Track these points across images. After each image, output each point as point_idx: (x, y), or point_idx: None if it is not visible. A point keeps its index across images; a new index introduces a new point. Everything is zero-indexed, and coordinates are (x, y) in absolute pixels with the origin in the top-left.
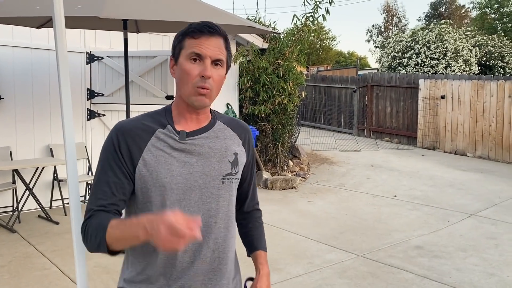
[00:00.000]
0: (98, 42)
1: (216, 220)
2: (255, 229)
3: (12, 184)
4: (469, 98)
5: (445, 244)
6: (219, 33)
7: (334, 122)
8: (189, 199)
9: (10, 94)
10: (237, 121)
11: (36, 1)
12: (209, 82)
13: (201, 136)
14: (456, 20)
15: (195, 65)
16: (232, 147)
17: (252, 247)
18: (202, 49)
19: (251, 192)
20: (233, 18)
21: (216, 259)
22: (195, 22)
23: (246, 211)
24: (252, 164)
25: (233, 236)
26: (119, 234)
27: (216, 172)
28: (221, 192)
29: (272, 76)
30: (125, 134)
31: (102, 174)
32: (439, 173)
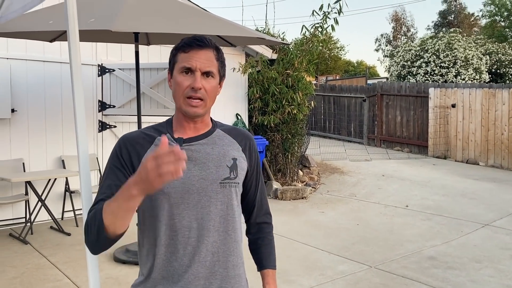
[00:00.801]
0: (109, 54)
1: (214, 224)
2: (264, 246)
3: (25, 196)
4: (480, 107)
5: (459, 255)
6: (209, 46)
7: (344, 132)
8: (187, 203)
9: (23, 107)
10: (238, 129)
11: (50, 16)
12: (201, 92)
13: (198, 142)
14: (465, 29)
15: (186, 77)
16: (230, 153)
17: (261, 265)
18: (191, 62)
19: (258, 201)
20: (243, 30)
21: (217, 262)
22: (188, 36)
23: (255, 222)
24: (257, 172)
25: (236, 240)
26: (114, 204)
27: (213, 176)
28: (219, 196)
29: (281, 86)
30: (127, 143)
31: (105, 179)
32: (451, 183)
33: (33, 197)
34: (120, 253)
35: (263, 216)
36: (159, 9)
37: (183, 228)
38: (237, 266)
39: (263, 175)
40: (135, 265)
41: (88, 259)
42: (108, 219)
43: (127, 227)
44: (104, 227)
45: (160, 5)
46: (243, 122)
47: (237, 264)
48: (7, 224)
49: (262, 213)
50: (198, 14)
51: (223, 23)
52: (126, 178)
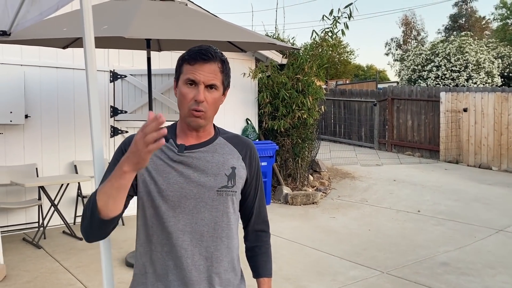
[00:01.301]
0: (121, 61)
1: (208, 229)
2: (261, 255)
3: (38, 201)
4: (493, 111)
5: (472, 260)
6: (214, 59)
7: (355, 136)
8: (184, 207)
9: (37, 113)
10: (240, 137)
11: (64, 23)
12: (203, 105)
13: (199, 150)
14: (476, 32)
15: (190, 89)
16: (230, 161)
17: (257, 273)
18: (196, 75)
19: (257, 209)
20: (253, 35)
21: (210, 267)
22: (196, 47)
23: (253, 230)
24: (256, 180)
25: (229, 247)
26: (107, 184)
27: (211, 184)
28: (215, 203)
29: (291, 91)
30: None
31: (107, 172)
32: (464, 187)
33: (46, 202)
34: (132, 257)
35: (261, 224)
36: (171, 16)
37: (177, 231)
38: (228, 271)
39: (273, 180)
40: None
41: (103, 263)
42: (101, 200)
43: (120, 211)
44: (97, 208)
45: (171, 12)
46: (253, 127)
47: (228, 270)
48: (20, 229)
49: (260, 221)
50: (209, 20)
51: (233, 29)
52: None
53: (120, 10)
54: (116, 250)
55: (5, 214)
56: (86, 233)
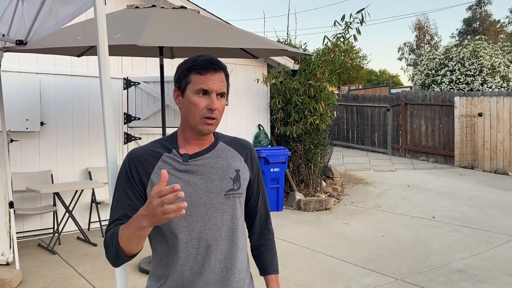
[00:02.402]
0: (134, 68)
1: (221, 234)
2: (267, 253)
3: (53, 207)
4: (509, 115)
5: (488, 267)
6: (221, 68)
7: (368, 142)
8: (196, 215)
9: (52, 120)
10: (239, 140)
11: (78, 32)
12: (215, 112)
13: (203, 157)
14: (491, 36)
15: (202, 99)
16: (233, 164)
17: (264, 270)
18: (209, 85)
19: (260, 208)
20: (265, 42)
21: (224, 269)
22: (199, 57)
23: (257, 229)
24: (258, 180)
25: (241, 247)
26: (127, 232)
27: (218, 188)
28: (224, 207)
29: (303, 96)
30: (135, 161)
31: (118, 198)
32: (479, 193)
33: (61, 208)
34: (145, 263)
35: (265, 223)
36: (183, 23)
37: (192, 240)
38: (242, 271)
39: (285, 186)
40: None
41: (116, 269)
42: (123, 243)
43: (142, 247)
44: (120, 249)
45: (183, 20)
46: (265, 132)
47: (242, 269)
48: (36, 235)
49: (264, 220)
50: (221, 27)
51: (245, 36)
52: (136, 196)
53: (133, 19)
54: None
55: (21, 220)
56: (113, 263)
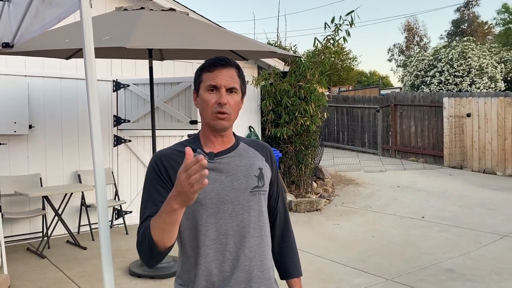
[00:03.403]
0: (124, 70)
1: (249, 230)
2: (290, 256)
3: (42, 210)
4: (496, 116)
5: (477, 267)
6: (231, 65)
7: (358, 143)
8: (223, 212)
9: (41, 123)
10: (257, 141)
11: (67, 34)
12: (226, 107)
13: (227, 156)
14: (479, 37)
15: (212, 95)
16: (256, 163)
17: (287, 274)
18: (217, 80)
19: (280, 209)
20: (254, 44)
21: (254, 266)
22: (211, 57)
23: (279, 231)
24: (277, 180)
25: (268, 244)
26: (158, 220)
27: (244, 186)
28: (251, 203)
29: (294, 98)
30: (162, 159)
31: (148, 196)
32: (468, 193)
33: (50, 212)
34: (135, 266)
35: (285, 225)
36: (172, 26)
37: (221, 237)
38: (271, 268)
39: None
40: (150, 279)
41: (104, 273)
42: (156, 235)
43: (175, 239)
44: (153, 242)
45: (172, 22)
46: (256, 134)
47: (271, 267)
48: (24, 239)
49: (284, 221)
50: (210, 29)
51: (235, 38)
52: (167, 193)
53: (121, 21)
54: (120, 259)
55: (9, 224)
56: (148, 262)
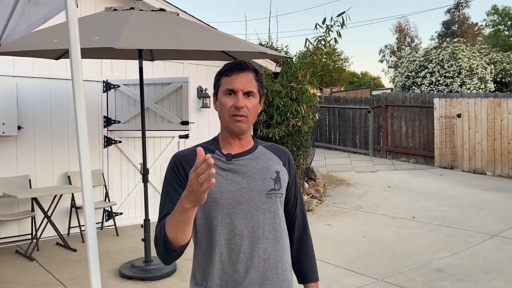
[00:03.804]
0: (114, 70)
1: (263, 232)
2: (307, 261)
3: (31, 212)
4: (486, 116)
5: (467, 266)
6: (248, 69)
7: (349, 143)
8: (239, 213)
9: (30, 124)
10: (276, 145)
11: (55, 34)
12: (243, 110)
13: (245, 158)
14: (469, 38)
15: (230, 98)
16: (273, 167)
17: (305, 279)
18: (234, 84)
19: (299, 214)
20: (245, 44)
21: (268, 268)
22: (229, 62)
23: (297, 236)
24: (295, 185)
25: (284, 247)
26: (172, 219)
27: (260, 188)
28: (266, 205)
29: (285, 99)
30: (181, 160)
31: (166, 195)
32: (458, 193)
33: (39, 214)
34: (125, 268)
35: (303, 229)
36: (162, 26)
37: (235, 237)
38: (286, 271)
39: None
40: (141, 280)
41: (91, 274)
42: (170, 233)
43: (189, 238)
44: (168, 240)
45: (163, 22)
46: None
47: (286, 269)
48: (13, 241)
49: (302, 226)
50: (200, 29)
51: (226, 39)
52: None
53: (111, 21)
54: (110, 261)
55: None
56: (163, 259)
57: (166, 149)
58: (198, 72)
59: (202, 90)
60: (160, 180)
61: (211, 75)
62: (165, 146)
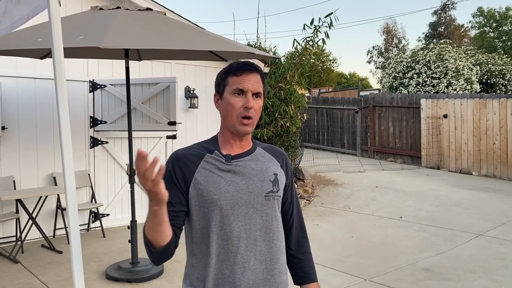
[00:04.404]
0: (101, 70)
1: (261, 233)
2: (307, 262)
3: (15, 214)
4: (472, 117)
5: (453, 265)
6: (257, 70)
7: (337, 143)
8: (237, 214)
9: (14, 124)
10: (274, 147)
11: (39, 33)
12: (251, 112)
13: (244, 159)
14: (455, 40)
15: (239, 98)
16: (272, 169)
17: (306, 279)
18: (244, 84)
19: (296, 216)
20: (233, 45)
21: (265, 270)
22: (236, 62)
23: (295, 237)
24: (291, 186)
25: (280, 249)
26: (147, 221)
27: (259, 190)
28: (264, 208)
29: (274, 99)
30: (178, 161)
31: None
32: (445, 193)
33: (24, 215)
34: (112, 270)
35: (301, 231)
36: (149, 25)
37: (233, 238)
38: (282, 273)
39: None
40: (128, 282)
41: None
42: (149, 234)
43: (169, 238)
44: (149, 241)
45: (149, 22)
46: None
47: (282, 271)
48: None
49: (299, 228)
50: (188, 29)
51: (214, 39)
52: (179, 193)
53: (96, 20)
54: (96, 263)
55: None
56: (151, 260)
57: (153, 149)
58: (185, 72)
59: (190, 90)
60: None
61: (199, 75)
62: (153, 146)
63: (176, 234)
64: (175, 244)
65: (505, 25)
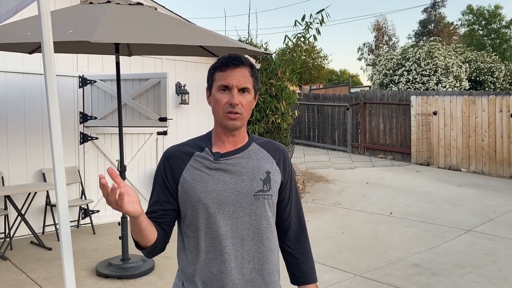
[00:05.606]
0: (90, 65)
1: (248, 233)
2: (306, 262)
3: (4, 211)
4: (461, 114)
5: (442, 261)
6: (244, 64)
7: (328, 140)
8: (224, 213)
9: (2, 120)
10: (272, 142)
11: (27, 27)
12: (238, 107)
13: (235, 156)
14: (445, 37)
15: (224, 95)
16: (264, 166)
17: (303, 280)
18: (228, 80)
19: (295, 214)
20: (223, 40)
21: (253, 270)
22: (224, 56)
23: (294, 236)
24: (291, 184)
25: (270, 249)
26: (131, 225)
27: (247, 188)
28: (253, 207)
29: (265, 96)
30: (168, 158)
31: (151, 195)
32: (434, 189)
33: (13, 212)
34: (102, 267)
35: (301, 229)
36: (139, 20)
37: (220, 237)
38: (272, 274)
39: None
40: (118, 279)
41: (65, 274)
42: (135, 237)
43: (153, 240)
44: (135, 241)
45: (140, 16)
46: None
47: (272, 272)
48: None
49: (299, 226)
50: (179, 24)
51: (204, 34)
52: (167, 192)
53: (86, 15)
54: (87, 260)
55: None
56: (143, 254)
57: (144, 145)
58: (176, 67)
59: (180, 86)
60: (137, 177)
61: (190, 71)
62: (143, 142)
63: (165, 231)
64: (164, 241)
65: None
